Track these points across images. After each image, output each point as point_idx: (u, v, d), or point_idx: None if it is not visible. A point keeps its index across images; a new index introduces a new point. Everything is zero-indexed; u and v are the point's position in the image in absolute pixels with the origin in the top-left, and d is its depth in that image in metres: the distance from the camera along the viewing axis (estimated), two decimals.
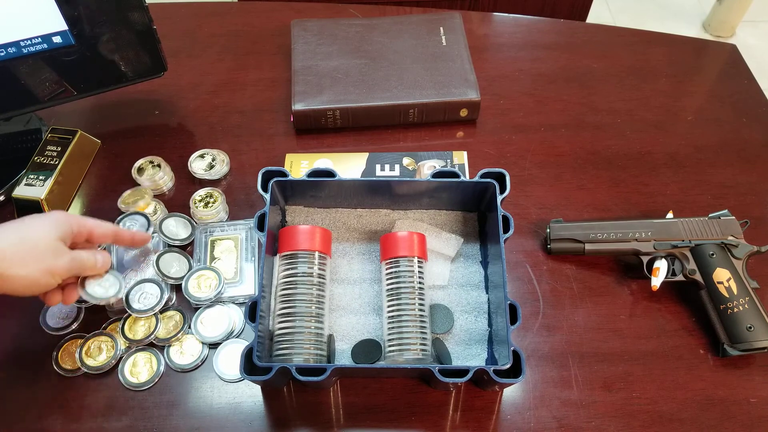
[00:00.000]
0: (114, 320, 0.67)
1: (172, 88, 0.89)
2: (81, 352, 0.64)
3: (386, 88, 0.83)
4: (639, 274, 0.71)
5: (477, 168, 0.79)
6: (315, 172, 0.67)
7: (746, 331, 0.63)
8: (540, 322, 0.68)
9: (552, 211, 0.77)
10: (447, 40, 0.89)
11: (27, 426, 0.61)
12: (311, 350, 0.60)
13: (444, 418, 0.62)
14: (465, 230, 0.72)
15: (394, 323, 0.62)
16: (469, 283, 0.68)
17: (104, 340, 0.65)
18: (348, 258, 0.70)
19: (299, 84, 0.84)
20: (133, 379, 0.63)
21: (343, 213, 0.72)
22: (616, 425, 0.61)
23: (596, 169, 0.81)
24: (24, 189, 0.73)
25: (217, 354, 0.65)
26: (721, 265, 0.66)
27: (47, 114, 0.85)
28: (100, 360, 0.64)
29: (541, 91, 0.90)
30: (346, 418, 0.62)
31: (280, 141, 0.84)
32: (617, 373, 0.64)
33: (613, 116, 0.87)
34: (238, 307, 0.68)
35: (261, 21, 0.99)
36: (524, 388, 0.64)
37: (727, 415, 0.62)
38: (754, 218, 0.73)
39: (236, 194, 0.78)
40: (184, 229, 0.73)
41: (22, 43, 0.69)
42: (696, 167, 0.81)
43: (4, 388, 0.63)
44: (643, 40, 0.98)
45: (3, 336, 0.67)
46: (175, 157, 0.81)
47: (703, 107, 0.88)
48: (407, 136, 0.85)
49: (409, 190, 0.69)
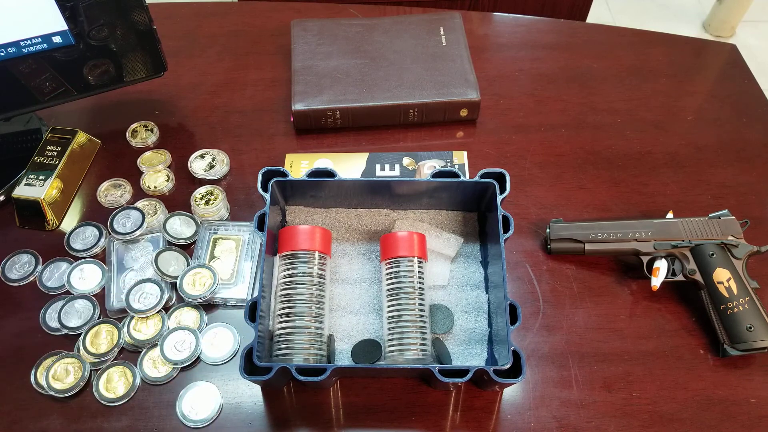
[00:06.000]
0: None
1: (172, 88, 0.89)
2: (48, 376, 0.62)
3: (386, 88, 0.83)
4: (639, 274, 0.71)
5: (477, 168, 0.79)
6: (315, 172, 0.67)
7: (746, 331, 0.63)
8: (540, 322, 0.68)
9: (552, 211, 0.77)
10: (447, 40, 0.89)
11: (27, 426, 0.61)
12: (311, 350, 0.60)
13: (444, 418, 0.62)
14: (465, 230, 0.72)
15: (394, 323, 0.62)
16: (469, 283, 0.68)
17: (70, 362, 0.63)
18: (348, 258, 0.70)
19: (299, 84, 0.84)
20: (109, 395, 0.62)
21: (343, 213, 0.72)
22: (616, 425, 0.61)
23: (596, 169, 0.81)
24: (24, 189, 0.73)
25: (180, 397, 0.62)
26: (721, 265, 0.66)
27: (47, 114, 0.85)
28: (67, 382, 0.62)
29: (541, 91, 0.90)
30: (346, 418, 0.62)
31: (280, 141, 0.84)
32: (617, 373, 0.64)
33: (613, 116, 0.87)
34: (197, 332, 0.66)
35: (261, 21, 0.99)
36: (524, 388, 0.64)
37: (727, 415, 0.62)
38: (754, 218, 0.73)
39: (236, 194, 0.78)
40: (188, 227, 0.73)
41: (22, 43, 0.69)
42: (696, 167, 0.81)
43: (4, 388, 0.63)
44: (643, 40, 0.98)
45: (3, 336, 0.67)
46: (175, 157, 0.81)
47: (703, 107, 0.88)
48: (407, 136, 0.85)
49: (409, 190, 0.69)
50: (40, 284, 0.69)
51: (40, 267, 0.71)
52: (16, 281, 0.70)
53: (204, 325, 0.67)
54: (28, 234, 0.74)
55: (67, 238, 0.72)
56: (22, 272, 0.70)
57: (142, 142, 0.83)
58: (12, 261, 0.71)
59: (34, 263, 0.71)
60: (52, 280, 0.70)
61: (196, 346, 0.64)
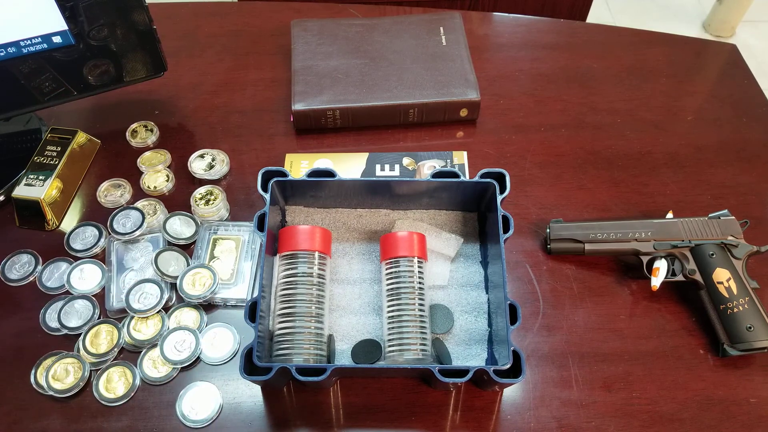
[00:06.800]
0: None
1: (172, 88, 0.89)
2: (47, 376, 0.62)
3: (386, 88, 0.83)
4: (639, 274, 0.71)
5: (477, 168, 0.79)
6: (315, 172, 0.67)
7: (746, 331, 0.63)
8: (540, 322, 0.68)
9: (552, 211, 0.77)
10: (447, 40, 0.89)
11: (27, 426, 0.61)
12: (311, 350, 0.60)
13: (444, 418, 0.62)
14: (465, 230, 0.72)
15: (394, 323, 0.62)
16: (469, 283, 0.68)
17: (70, 362, 0.63)
18: (348, 258, 0.70)
19: (299, 84, 0.84)
20: (109, 395, 0.62)
21: (343, 213, 0.72)
22: (616, 425, 0.61)
23: (596, 169, 0.81)
24: (24, 189, 0.73)
25: (180, 397, 0.62)
26: (721, 265, 0.66)
27: (47, 114, 0.85)
28: (67, 382, 0.62)
29: (541, 91, 0.90)
30: (346, 418, 0.62)
31: (280, 141, 0.84)
32: (617, 373, 0.64)
33: (613, 116, 0.87)
34: (197, 332, 0.66)
35: (261, 21, 0.99)
36: (524, 388, 0.64)
37: (727, 415, 0.62)
38: (754, 218, 0.73)
39: (236, 194, 0.78)
40: (188, 227, 0.73)
41: (22, 43, 0.69)
42: (696, 167, 0.81)
43: (4, 388, 0.63)
44: (643, 40, 0.98)
45: (3, 336, 0.67)
46: (175, 157, 0.81)
47: (703, 107, 0.88)
48: (407, 136, 0.85)
49: (409, 190, 0.69)
50: (40, 284, 0.69)
51: (40, 267, 0.71)
52: (16, 281, 0.70)
53: (204, 325, 0.67)
54: (28, 234, 0.74)
55: (66, 238, 0.72)
56: (22, 272, 0.70)
57: (142, 142, 0.83)
58: (12, 261, 0.71)
59: (34, 263, 0.71)
60: (52, 280, 0.70)
61: (196, 346, 0.64)
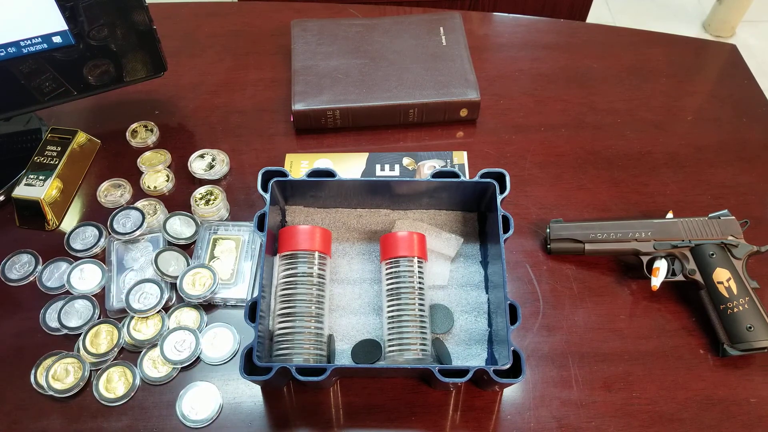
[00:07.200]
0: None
1: (172, 88, 0.89)
2: (47, 376, 0.62)
3: (386, 88, 0.83)
4: (639, 274, 0.71)
5: (477, 168, 0.79)
6: (315, 172, 0.67)
7: (746, 331, 0.63)
8: (540, 322, 0.68)
9: (552, 211, 0.77)
10: (447, 40, 0.89)
11: (27, 426, 0.61)
12: (311, 350, 0.60)
13: (444, 418, 0.62)
14: (465, 230, 0.72)
15: (394, 323, 0.62)
16: (469, 283, 0.68)
17: (70, 362, 0.63)
18: (348, 258, 0.70)
19: (299, 84, 0.84)
20: (109, 395, 0.62)
21: (343, 213, 0.72)
22: (616, 425, 0.61)
23: (596, 169, 0.81)
24: (24, 189, 0.73)
25: (180, 397, 0.62)
26: (721, 265, 0.66)
27: (47, 114, 0.85)
28: (67, 382, 0.62)
29: (541, 91, 0.90)
30: (346, 418, 0.62)
31: (280, 141, 0.84)
32: (617, 373, 0.64)
33: (613, 116, 0.87)
34: (197, 332, 0.66)
35: (261, 21, 0.99)
36: (524, 388, 0.64)
37: (727, 415, 0.62)
38: (754, 218, 0.73)
39: (236, 194, 0.78)
40: (188, 227, 0.73)
41: (22, 43, 0.69)
42: (696, 167, 0.81)
43: (4, 388, 0.63)
44: (643, 40, 0.98)
45: (3, 336, 0.67)
46: (175, 157, 0.81)
47: (703, 107, 0.88)
48: (407, 136, 0.85)
49: (409, 190, 0.69)
50: (40, 284, 0.69)
51: (40, 267, 0.71)
52: (16, 281, 0.70)
53: (204, 325, 0.67)
54: (28, 234, 0.74)
55: (67, 238, 0.72)
56: (22, 272, 0.70)
57: (142, 142, 0.83)
58: (12, 261, 0.71)
59: (34, 263, 0.71)
60: (52, 280, 0.70)
61: (196, 346, 0.64)
